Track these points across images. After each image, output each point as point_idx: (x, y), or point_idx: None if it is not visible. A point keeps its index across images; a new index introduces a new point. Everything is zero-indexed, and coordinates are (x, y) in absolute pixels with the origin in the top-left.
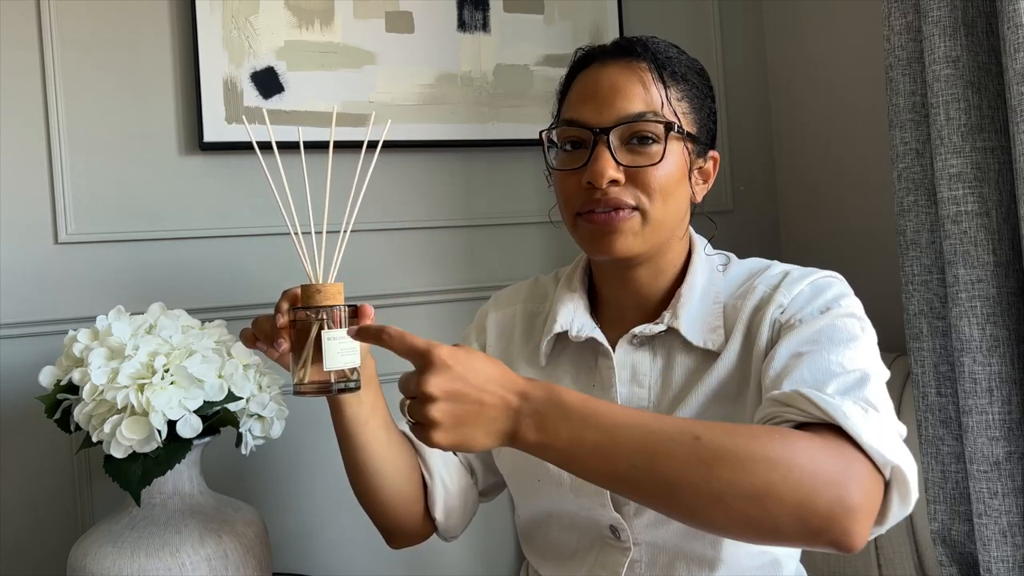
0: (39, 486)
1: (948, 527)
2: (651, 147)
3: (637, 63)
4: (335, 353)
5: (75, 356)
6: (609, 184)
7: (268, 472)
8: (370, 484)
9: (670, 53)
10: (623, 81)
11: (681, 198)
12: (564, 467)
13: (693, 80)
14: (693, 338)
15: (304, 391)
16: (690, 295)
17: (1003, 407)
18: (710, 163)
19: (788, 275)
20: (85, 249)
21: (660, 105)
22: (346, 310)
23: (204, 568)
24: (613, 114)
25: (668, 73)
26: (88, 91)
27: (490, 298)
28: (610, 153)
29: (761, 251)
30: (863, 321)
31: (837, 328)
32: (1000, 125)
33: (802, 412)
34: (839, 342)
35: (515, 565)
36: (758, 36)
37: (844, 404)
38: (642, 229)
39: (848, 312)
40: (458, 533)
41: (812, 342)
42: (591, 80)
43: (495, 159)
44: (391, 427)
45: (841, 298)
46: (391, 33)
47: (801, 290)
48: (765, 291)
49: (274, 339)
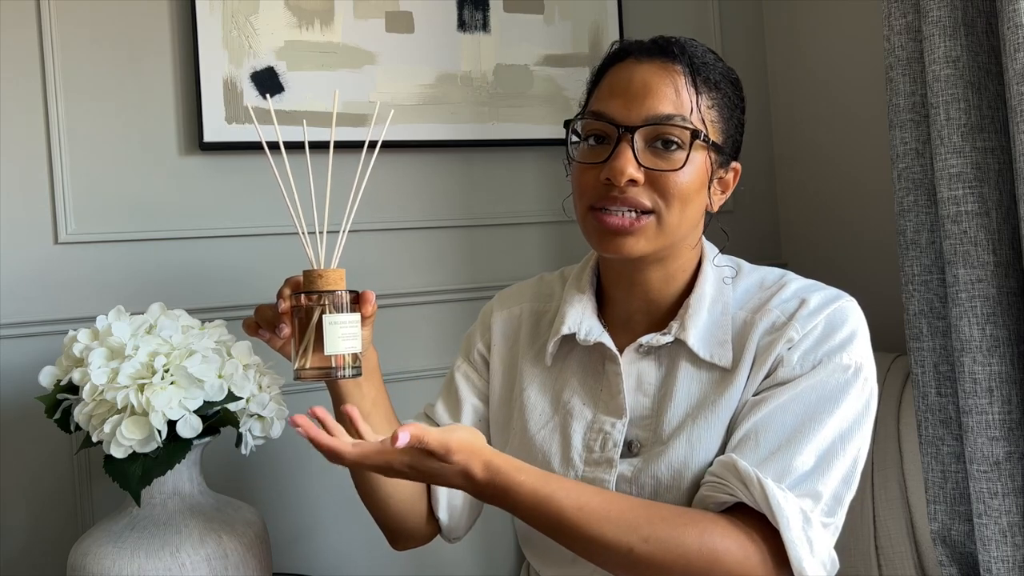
0: (39, 486)
1: (948, 527)
2: (675, 152)
3: (672, 65)
4: (336, 338)
5: (75, 356)
6: (627, 183)
7: (268, 472)
8: (373, 481)
9: (707, 59)
10: (656, 81)
11: (698, 206)
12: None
13: (726, 89)
14: (700, 351)
15: (305, 375)
16: (699, 306)
17: (1003, 407)
18: (731, 174)
19: (804, 304)
20: (85, 249)
21: (690, 111)
22: (348, 295)
23: (204, 568)
24: (642, 113)
25: (702, 79)
26: (88, 91)
27: (494, 297)
28: (632, 153)
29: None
30: (858, 372)
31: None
32: (1000, 125)
33: (750, 497)
34: (820, 411)
35: (515, 566)
36: (758, 36)
37: (787, 504)
38: (655, 234)
39: (844, 365)
40: (461, 534)
41: (795, 403)
42: (624, 75)
43: (495, 159)
44: (393, 422)
45: (847, 344)
46: (391, 33)
47: (815, 325)
48: (779, 318)
49: (276, 325)
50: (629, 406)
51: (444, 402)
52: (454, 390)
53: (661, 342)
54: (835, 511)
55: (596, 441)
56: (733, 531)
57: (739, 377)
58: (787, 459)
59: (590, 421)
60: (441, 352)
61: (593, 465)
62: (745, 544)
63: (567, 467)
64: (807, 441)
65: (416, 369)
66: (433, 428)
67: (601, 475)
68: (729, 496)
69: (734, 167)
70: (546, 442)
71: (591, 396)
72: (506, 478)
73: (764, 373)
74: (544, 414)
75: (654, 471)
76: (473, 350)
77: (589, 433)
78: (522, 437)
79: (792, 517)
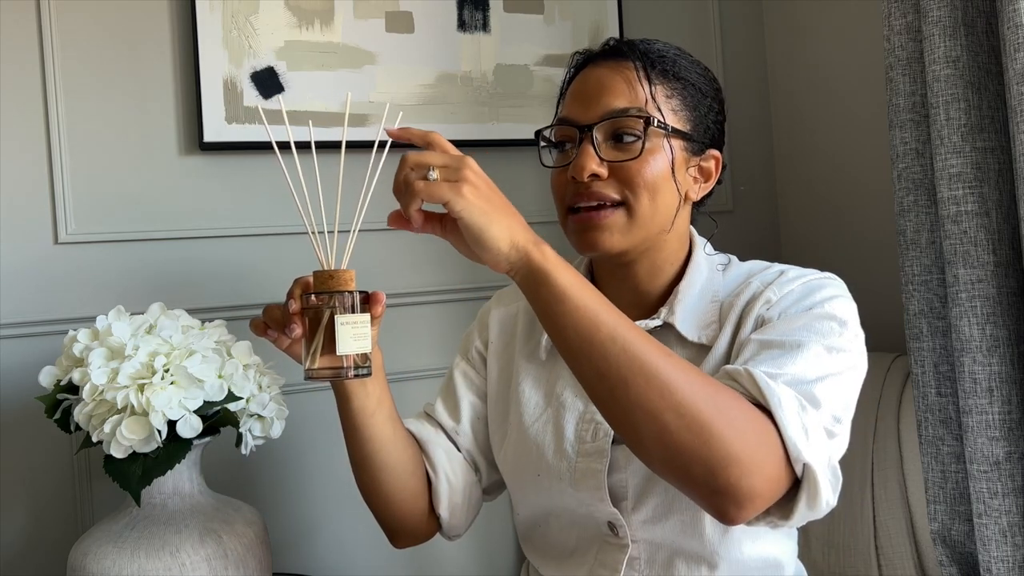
0: (39, 486)
1: (948, 527)
2: (633, 143)
3: (624, 62)
4: (348, 338)
5: (75, 356)
6: (592, 178)
7: (268, 472)
8: (375, 478)
9: (665, 53)
10: (609, 79)
11: (668, 194)
12: (550, 311)
13: (688, 77)
14: (687, 332)
15: (316, 375)
16: (688, 291)
17: (1003, 407)
18: (711, 162)
19: (783, 274)
20: (85, 249)
21: (644, 102)
22: (358, 296)
23: (204, 568)
24: (597, 111)
25: (658, 71)
26: (88, 91)
27: (492, 296)
28: (593, 148)
29: (761, 251)
30: (845, 326)
31: (813, 328)
32: (1000, 125)
33: (742, 388)
34: (809, 341)
35: (515, 565)
36: (758, 36)
37: (783, 392)
38: (627, 225)
39: (829, 314)
40: (461, 532)
41: (783, 334)
42: (583, 81)
43: (495, 159)
44: (396, 421)
45: (829, 300)
46: (391, 33)
47: (792, 289)
48: (758, 287)
49: (285, 326)
50: None
51: (443, 400)
52: (453, 388)
53: (650, 326)
54: (834, 425)
55: (588, 431)
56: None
57: (720, 345)
58: (773, 361)
59: (582, 412)
60: (441, 352)
61: (586, 456)
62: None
63: (561, 458)
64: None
65: (416, 369)
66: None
67: (594, 464)
68: None
69: (714, 155)
70: (540, 435)
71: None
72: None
73: (744, 336)
74: (538, 407)
75: None
76: (471, 348)
77: (581, 424)
78: (518, 431)
79: (784, 398)
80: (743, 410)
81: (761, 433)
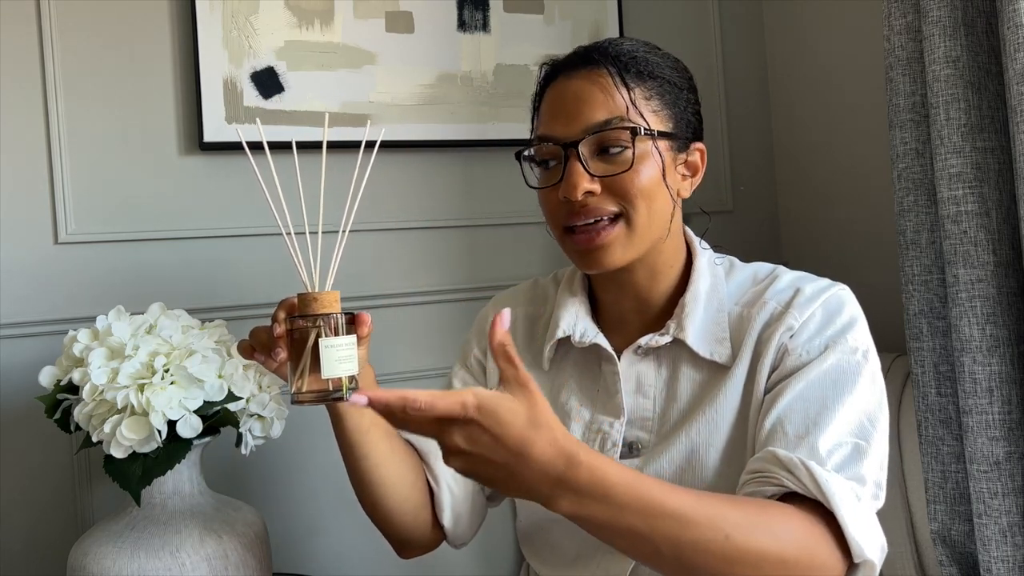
0: (39, 486)
1: (948, 527)
2: (622, 154)
3: (598, 70)
4: (333, 361)
5: (75, 356)
6: (585, 195)
7: (268, 472)
8: (376, 493)
9: (636, 53)
10: (586, 91)
11: (663, 199)
12: (591, 534)
13: (663, 74)
14: (700, 350)
15: (302, 400)
16: (694, 304)
17: (1003, 407)
18: (696, 155)
19: (799, 293)
20: (85, 249)
21: (625, 110)
22: (343, 317)
23: (204, 568)
24: (579, 126)
25: (633, 74)
26: (88, 91)
27: (489, 301)
28: (582, 165)
29: (761, 251)
30: (867, 355)
31: (841, 370)
32: (1000, 125)
33: (799, 483)
34: (840, 392)
35: (515, 566)
36: (758, 36)
37: (838, 486)
38: (628, 237)
39: (852, 348)
40: (467, 539)
41: (813, 388)
42: (557, 94)
43: (495, 159)
44: (393, 436)
45: (849, 328)
46: (391, 33)
47: (812, 312)
48: (776, 308)
49: (271, 349)
50: (628, 407)
51: None
52: None
53: (660, 343)
54: (878, 494)
55: (595, 441)
56: (796, 516)
57: (739, 371)
58: (813, 442)
59: (588, 421)
60: (441, 352)
61: None
62: (810, 528)
63: None
64: (831, 423)
65: (416, 369)
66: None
67: None
68: (777, 487)
69: (698, 148)
70: None
71: (588, 397)
72: (594, 462)
73: (769, 365)
74: None
75: (656, 470)
76: (469, 356)
77: (588, 433)
78: None
79: (844, 497)
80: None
81: (821, 543)
